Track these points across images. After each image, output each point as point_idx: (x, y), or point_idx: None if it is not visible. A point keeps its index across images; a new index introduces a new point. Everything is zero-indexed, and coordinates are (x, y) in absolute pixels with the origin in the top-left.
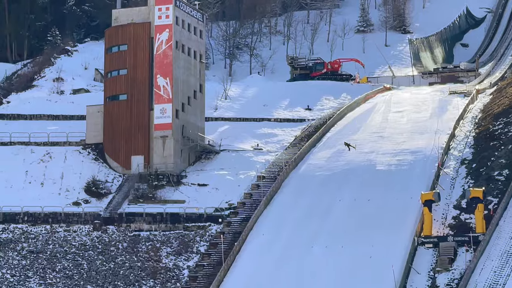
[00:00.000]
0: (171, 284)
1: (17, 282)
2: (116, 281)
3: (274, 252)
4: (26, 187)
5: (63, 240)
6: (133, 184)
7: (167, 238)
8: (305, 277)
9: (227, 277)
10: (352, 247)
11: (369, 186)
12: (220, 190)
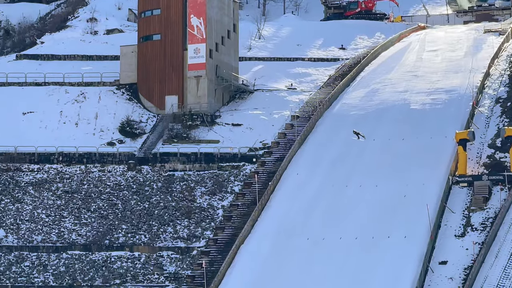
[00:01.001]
0: (205, 224)
1: (52, 222)
2: (150, 220)
3: (308, 192)
4: (61, 127)
5: (98, 180)
6: (167, 124)
7: (202, 178)
8: (339, 216)
9: (261, 216)
10: (386, 186)
11: (403, 125)
12: (254, 130)
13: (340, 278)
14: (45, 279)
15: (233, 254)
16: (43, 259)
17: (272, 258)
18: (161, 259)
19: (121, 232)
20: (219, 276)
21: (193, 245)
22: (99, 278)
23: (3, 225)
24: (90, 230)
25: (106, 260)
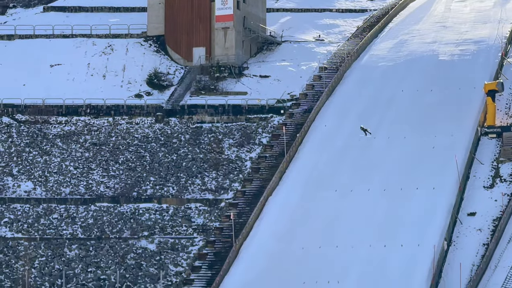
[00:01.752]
0: (233, 176)
1: (80, 174)
2: (178, 172)
3: (336, 143)
4: (88, 79)
5: (126, 132)
6: (195, 76)
7: (229, 130)
8: (367, 167)
9: (289, 168)
10: (415, 137)
11: (431, 76)
12: (282, 82)
13: (367, 230)
14: (73, 231)
15: (261, 206)
16: (71, 212)
17: (300, 210)
18: (189, 211)
19: (149, 184)
20: (247, 228)
21: (221, 197)
22: (127, 230)
23: (31, 177)
24: (118, 182)
25: (134, 212)
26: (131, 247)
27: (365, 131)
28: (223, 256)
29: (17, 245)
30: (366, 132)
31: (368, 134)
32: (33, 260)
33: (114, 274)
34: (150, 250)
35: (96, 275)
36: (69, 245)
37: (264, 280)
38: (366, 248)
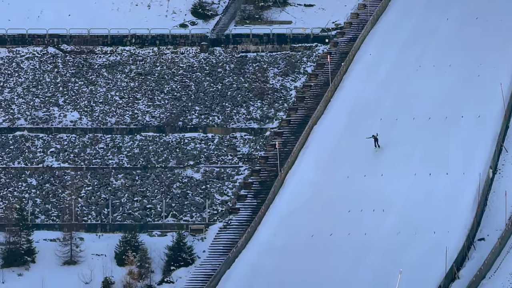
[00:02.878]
0: (278, 105)
1: (126, 104)
2: (223, 102)
3: (381, 72)
4: (133, 9)
5: (171, 62)
6: (239, 5)
7: (274, 59)
8: (412, 96)
9: (334, 97)
10: (460, 66)
11: (477, 4)
12: (327, 10)
13: (412, 158)
14: (119, 161)
15: (306, 135)
16: (117, 141)
17: (345, 138)
18: (234, 140)
19: (194, 114)
20: (292, 157)
21: (266, 126)
22: (173, 159)
23: (77, 107)
24: (163, 112)
25: (179, 141)
26: (177, 176)
27: (375, 141)
28: (268, 185)
29: (64, 174)
30: (376, 143)
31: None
32: (80, 190)
33: (160, 203)
34: (196, 179)
35: (142, 204)
36: (115, 174)
37: (309, 209)
38: (411, 177)
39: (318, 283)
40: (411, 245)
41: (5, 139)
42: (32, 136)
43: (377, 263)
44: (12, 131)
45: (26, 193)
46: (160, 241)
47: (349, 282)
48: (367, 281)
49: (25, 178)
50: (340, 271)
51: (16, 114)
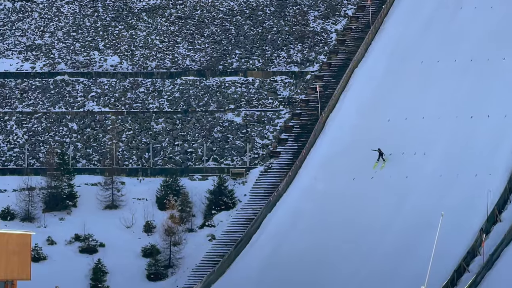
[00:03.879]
0: (319, 48)
1: (166, 48)
2: (264, 45)
3: (423, 14)
4: None
5: (211, 5)
6: None
7: (314, 2)
8: (454, 37)
9: (375, 40)
10: (502, 7)
11: None
12: None
13: (454, 101)
14: (160, 105)
15: (346, 78)
16: (157, 85)
17: (386, 81)
18: (274, 84)
19: (234, 58)
20: (333, 100)
21: (306, 69)
22: (213, 103)
23: (117, 51)
24: (204, 55)
25: (220, 85)
26: (218, 120)
27: (380, 154)
28: (309, 128)
29: (105, 119)
30: (381, 156)
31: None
32: (121, 134)
33: (200, 147)
34: (236, 123)
35: (183, 148)
36: (155, 118)
37: (350, 152)
38: (452, 119)
39: (360, 226)
40: (453, 187)
41: (45, 84)
42: (72, 81)
43: (418, 206)
44: (53, 75)
45: (67, 138)
46: (201, 185)
47: (391, 225)
48: (409, 223)
49: (66, 123)
50: (382, 213)
51: (57, 58)
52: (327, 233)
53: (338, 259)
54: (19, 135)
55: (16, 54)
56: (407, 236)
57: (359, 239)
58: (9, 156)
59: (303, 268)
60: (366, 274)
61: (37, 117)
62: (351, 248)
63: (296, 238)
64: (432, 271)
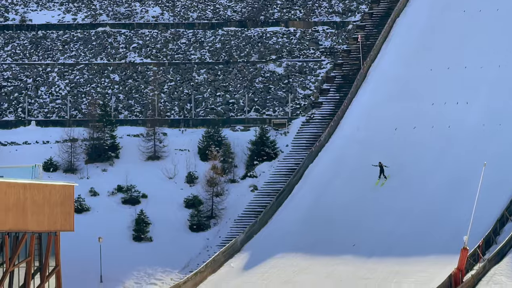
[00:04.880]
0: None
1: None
2: None
3: None
4: None
5: None
6: None
7: None
8: None
9: None
10: None
11: None
12: None
13: (497, 50)
14: (201, 56)
15: (388, 28)
16: (199, 36)
17: (427, 31)
18: (316, 34)
19: (276, 8)
20: (375, 50)
21: (348, 19)
22: (255, 54)
23: (159, 2)
24: (245, 6)
25: (261, 36)
26: (259, 71)
27: (381, 168)
28: (351, 79)
29: (146, 70)
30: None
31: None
32: (162, 85)
33: (242, 98)
34: (278, 73)
35: (225, 99)
36: (197, 69)
37: (392, 102)
38: (495, 69)
39: (402, 175)
40: (495, 137)
41: (87, 35)
42: (114, 32)
43: (461, 155)
44: (94, 27)
45: (109, 89)
46: (243, 136)
47: (434, 173)
48: (451, 173)
49: (107, 74)
50: (424, 163)
51: (98, 10)
52: (370, 182)
53: (381, 208)
54: (61, 86)
55: (58, 6)
56: (449, 185)
57: (401, 188)
58: (51, 108)
59: (345, 218)
60: (409, 224)
61: (79, 69)
62: (393, 197)
63: (338, 188)
64: (474, 220)
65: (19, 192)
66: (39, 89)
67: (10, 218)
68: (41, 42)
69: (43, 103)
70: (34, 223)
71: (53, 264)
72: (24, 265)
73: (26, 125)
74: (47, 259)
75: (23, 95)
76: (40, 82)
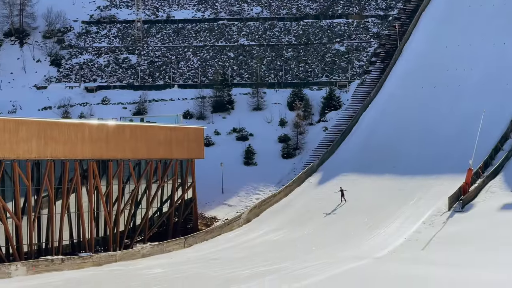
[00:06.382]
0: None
1: (293, 0)
2: None
3: None
4: None
5: None
6: None
7: None
8: None
9: None
10: None
11: None
12: None
13: (490, 32)
14: (288, 39)
15: (417, 19)
16: (287, 26)
17: (444, 20)
18: (367, 24)
19: (339, 6)
20: (407, 34)
21: (389, 13)
22: (325, 37)
23: (260, 3)
24: (318, 5)
25: (330, 25)
26: (328, 49)
27: (341, 193)
28: (391, 54)
29: (251, 49)
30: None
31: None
32: (262, 60)
33: (317, 67)
34: (341, 51)
35: (305, 69)
36: (286, 49)
37: (420, 69)
38: (490, 46)
39: (427, 120)
40: (492, 92)
41: (211, 26)
42: (229, 24)
43: (467, 105)
44: (216, 20)
45: (226, 63)
46: (318, 94)
47: (448, 118)
48: (461, 117)
49: (225, 53)
50: (442, 110)
51: (219, 8)
52: (404, 125)
53: (412, 141)
54: (194, 61)
55: (192, 6)
56: (459, 126)
57: (425, 129)
58: (188, 75)
59: (387, 148)
60: (432, 151)
61: (206, 49)
62: (421, 136)
63: (382, 128)
64: (477, 149)
65: (166, 132)
66: (179, 63)
67: (161, 150)
68: (181, 31)
69: (182, 72)
70: (177, 153)
71: (190, 181)
72: (171, 182)
73: (171, 87)
74: (186, 177)
75: (169, 67)
76: (180, 58)
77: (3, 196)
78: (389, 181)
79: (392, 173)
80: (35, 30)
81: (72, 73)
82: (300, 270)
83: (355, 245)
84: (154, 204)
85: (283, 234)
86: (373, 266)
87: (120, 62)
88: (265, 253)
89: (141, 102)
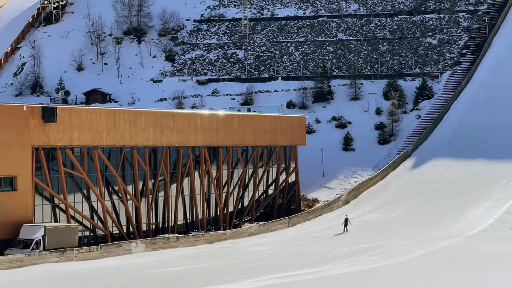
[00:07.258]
0: None
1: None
2: None
3: None
4: None
5: None
6: None
7: None
8: None
9: None
10: None
11: None
12: None
13: None
14: (384, 34)
15: (505, 12)
16: (382, 21)
17: None
18: (458, 18)
19: (431, 2)
20: (496, 27)
21: (479, 8)
22: (418, 32)
23: (357, 1)
24: (411, 1)
25: (422, 20)
26: (421, 42)
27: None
28: (481, 46)
29: (349, 44)
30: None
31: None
32: (359, 53)
33: (411, 60)
34: (433, 44)
35: (399, 61)
36: (381, 43)
37: (508, 59)
38: None
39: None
40: None
41: (312, 23)
42: (329, 20)
43: None
44: (316, 17)
45: (326, 56)
46: (411, 84)
47: None
48: None
49: (325, 47)
50: None
51: (319, 6)
52: (494, 113)
53: (501, 130)
54: (297, 55)
55: (294, 5)
56: None
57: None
58: (291, 68)
59: (477, 134)
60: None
61: (307, 44)
62: (509, 124)
63: (472, 116)
64: None
65: (271, 121)
66: (283, 57)
67: (267, 138)
68: (284, 28)
69: (285, 66)
70: (281, 140)
71: (293, 165)
72: (276, 166)
73: (275, 80)
74: (290, 162)
75: (273, 61)
76: (283, 52)
77: (123, 180)
78: (479, 166)
79: (482, 157)
80: (151, 29)
81: (185, 67)
82: (395, 248)
83: (447, 224)
84: (260, 187)
85: (380, 215)
86: (465, 244)
87: (228, 57)
88: (363, 232)
89: (248, 94)
